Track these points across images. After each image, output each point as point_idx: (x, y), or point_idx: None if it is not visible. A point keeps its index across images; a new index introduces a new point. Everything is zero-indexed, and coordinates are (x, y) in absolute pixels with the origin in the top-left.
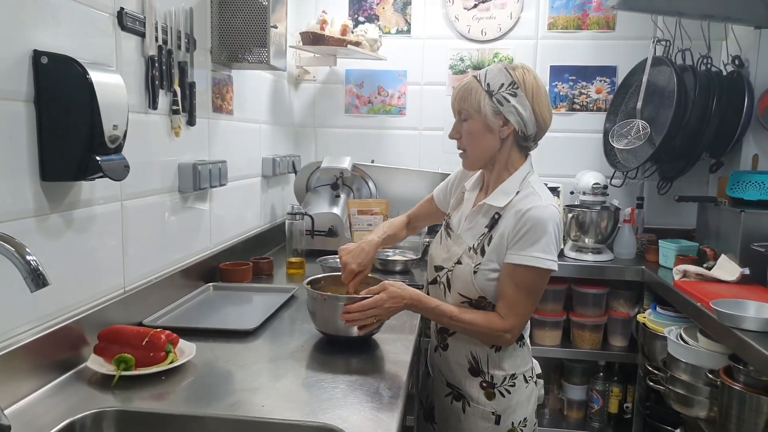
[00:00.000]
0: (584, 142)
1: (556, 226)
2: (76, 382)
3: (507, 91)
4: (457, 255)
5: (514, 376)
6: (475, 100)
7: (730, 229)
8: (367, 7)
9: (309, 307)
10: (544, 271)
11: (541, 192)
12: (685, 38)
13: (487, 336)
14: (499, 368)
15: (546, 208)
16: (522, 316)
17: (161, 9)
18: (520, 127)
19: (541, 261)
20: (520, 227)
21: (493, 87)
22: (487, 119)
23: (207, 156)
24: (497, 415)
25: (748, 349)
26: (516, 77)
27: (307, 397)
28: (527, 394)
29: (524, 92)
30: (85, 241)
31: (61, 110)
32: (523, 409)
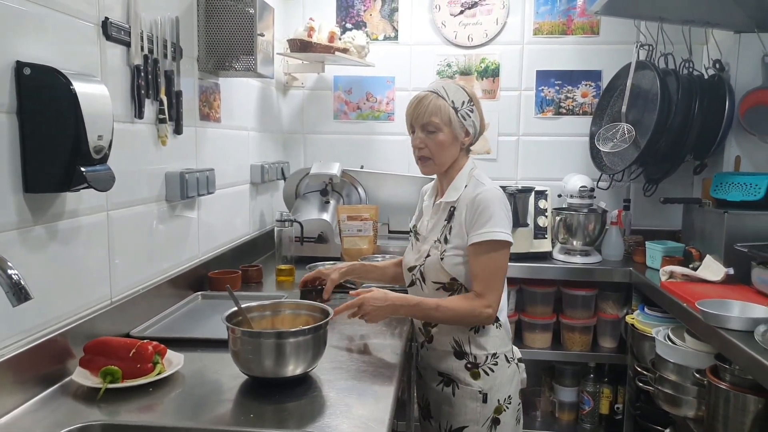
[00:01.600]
0: (571, 146)
1: (503, 204)
2: (61, 396)
3: (467, 108)
4: (426, 251)
5: (496, 356)
6: (446, 114)
7: (715, 230)
8: (355, 14)
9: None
10: (500, 243)
11: (484, 181)
12: (668, 43)
13: (470, 316)
14: (480, 348)
15: (490, 191)
16: (495, 289)
17: (147, 18)
18: (476, 135)
19: (496, 234)
20: (473, 211)
21: (457, 103)
22: (455, 132)
23: (194, 164)
24: (484, 393)
25: (733, 348)
26: (470, 94)
27: (297, 406)
28: (509, 374)
29: (476, 107)
30: (71, 252)
31: (45, 121)
32: (506, 388)
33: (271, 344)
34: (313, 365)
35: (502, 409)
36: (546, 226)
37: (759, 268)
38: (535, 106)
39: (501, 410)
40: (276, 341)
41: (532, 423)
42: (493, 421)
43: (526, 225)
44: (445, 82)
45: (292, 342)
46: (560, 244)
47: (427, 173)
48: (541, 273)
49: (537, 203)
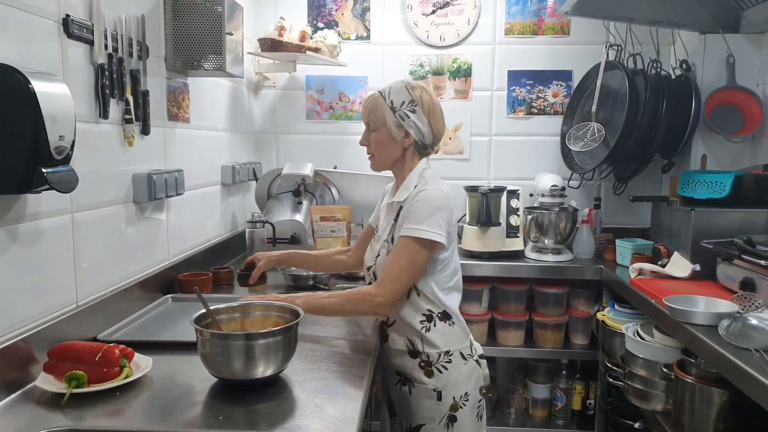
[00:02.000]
0: (542, 145)
1: (439, 203)
2: (24, 402)
3: (407, 108)
4: (377, 250)
5: (449, 353)
6: (381, 114)
7: (682, 227)
8: (326, 14)
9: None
10: (420, 241)
11: (431, 182)
12: (636, 43)
13: (363, 304)
14: (432, 347)
15: (432, 191)
16: (393, 281)
17: (111, 16)
18: (419, 138)
19: (419, 231)
20: (408, 209)
21: (396, 104)
22: (392, 131)
23: (163, 165)
24: (438, 391)
25: (699, 343)
26: (414, 96)
27: (267, 407)
28: (466, 371)
29: (421, 109)
30: (33, 255)
31: (2, 121)
32: (463, 385)
33: (240, 346)
34: (283, 366)
35: (458, 406)
36: (518, 225)
37: (724, 264)
38: (506, 106)
39: (457, 407)
40: (245, 343)
41: (506, 420)
42: (450, 419)
43: (499, 224)
44: (395, 82)
45: (262, 344)
46: (532, 242)
47: (372, 169)
48: (514, 271)
49: (509, 202)
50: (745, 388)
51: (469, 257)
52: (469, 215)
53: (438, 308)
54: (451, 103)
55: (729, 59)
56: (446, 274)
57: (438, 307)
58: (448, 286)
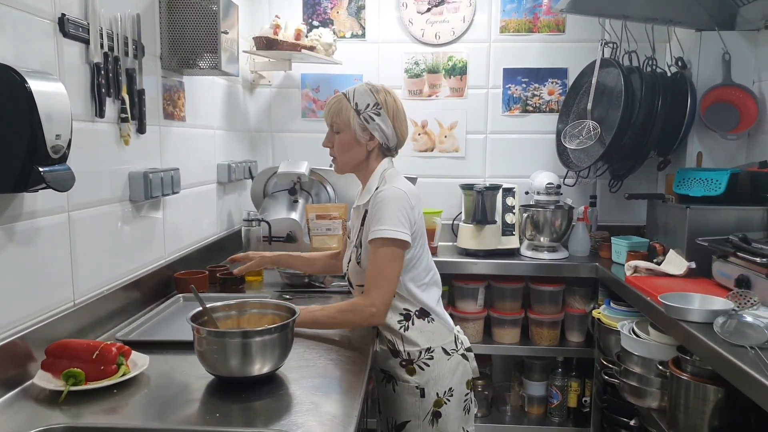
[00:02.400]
0: (538, 143)
1: (399, 203)
2: (21, 399)
3: (372, 111)
4: (348, 255)
5: (431, 350)
6: (346, 116)
7: (677, 225)
8: (321, 12)
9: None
10: (388, 241)
11: (391, 180)
12: (631, 41)
13: (355, 315)
14: (412, 345)
15: (389, 190)
16: (379, 287)
17: (106, 15)
18: (384, 140)
19: (384, 232)
20: (371, 210)
21: (360, 106)
22: (356, 134)
23: (159, 164)
24: (421, 388)
25: (694, 340)
26: (379, 99)
27: (263, 405)
28: (450, 366)
29: (386, 112)
30: (30, 254)
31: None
32: (446, 381)
33: (236, 344)
34: (279, 364)
35: (442, 402)
36: (514, 223)
37: (719, 261)
38: (502, 104)
39: (441, 403)
40: (242, 341)
41: (502, 417)
42: (434, 415)
43: (494, 222)
44: (360, 85)
45: (258, 341)
46: (528, 240)
47: (336, 172)
48: (509, 269)
49: (505, 200)
50: (740, 385)
51: (464, 255)
52: (465, 213)
53: (415, 306)
54: (446, 101)
55: (725, 56)
56: (419, 271)
57: (414, 305)
58: (424, 282)
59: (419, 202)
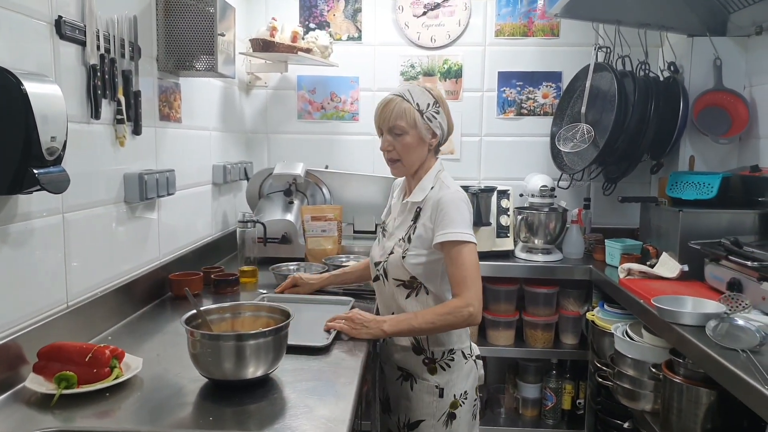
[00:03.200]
0: (532, 146)
1: (465, 206)
2: (13, 403)
3: (433, 110)
4: (390, 248)
5: (453, 352)
6: (411, 118)
7: (670, 228)
8: (318, 14)
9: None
10: (467, 243)
11: (450, 184)
12: (625, 45)
13: (455, 317)
14: (437, 344)
15: (455, 193)
16: (470, 287)
17: (103, 17)
18: (443, 136)
19: (461, 235)
20: (438, 212)
21: (422, 107)
22: (421, 133)
23: (154, 165)
24: (440, 388)
25: (687, 343)
26: (436, 96)
27: (257, 408)
28: (466, 369)
29: (443, 109)
30: (24, 255)
31: None
32: (462, 383)
33: (230, 347)
34: (273, 367)
35: (458, 404)
36: (508, 225)
37: (711, 264)
38: (497, 107)
39: (457, 405)
40: (236, 343)
41: (496, 420)
42: (449, 416)
43: (489, 224)
44: (411, 86)
45: (252, 344)
46: (522, 242)
47: (396, 175)
48: (504, 271)
49: (499, 202)
50: (732, 389)
51: None
52: None
53: None
54: None
55: (716, 62)
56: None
57: None
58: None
59: None
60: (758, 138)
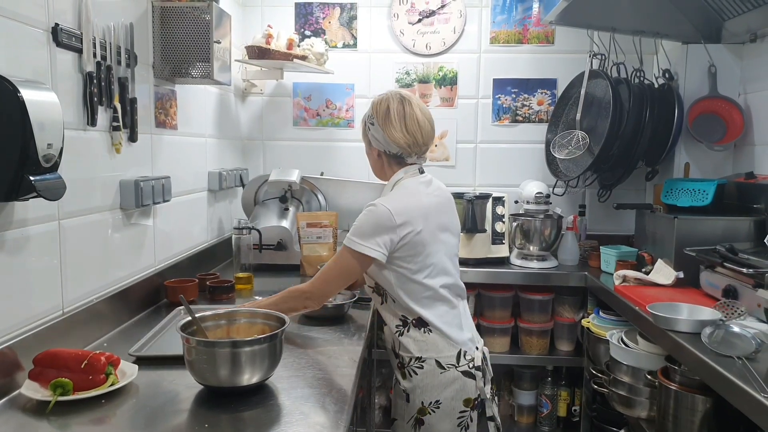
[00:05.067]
0: (527, 153)
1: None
2: (8, 410)
3: (369, 121)
4: None
5: (421, 360)
6: (362, 125)
7: (665, 235)
8: (313, 21)
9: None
10: (353, 252)
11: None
12: (619, 52)
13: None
14: (405, 350)
15: (374, 205)
16: (323, 282)
17: (100, 24)
18: (383, 147)
19: (352, 242)
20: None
21: (365, 118)
22: (367, 140)
23: (150, 172)
24: (407, 393)
25: (682, 350)
26: (374, 110)
27: (252, 415)
28: (442, 380)
29: (377, 121)
30: (19, 262)
31: None
32: (434, 392)
33: (226, 353)
34: (269, 374)
35: (426, 411)
36: (503, 232)
37: (707, 271)
38: (492, 114)
39: (425, 412)
40: (231, 350)
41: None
42: (417, 421)
43: (484, 231)
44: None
45: (248, 351)
46: (517, 249)
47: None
48: (499, 278)
49: (494, 209)
50: (728, 396)
51: None
52: None
53: (412, 315)
54: (436, 110)
55: (711, 69)
56: (415, 287)
57: (412, 314)
58: (424, 297)
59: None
60: (753, 145)
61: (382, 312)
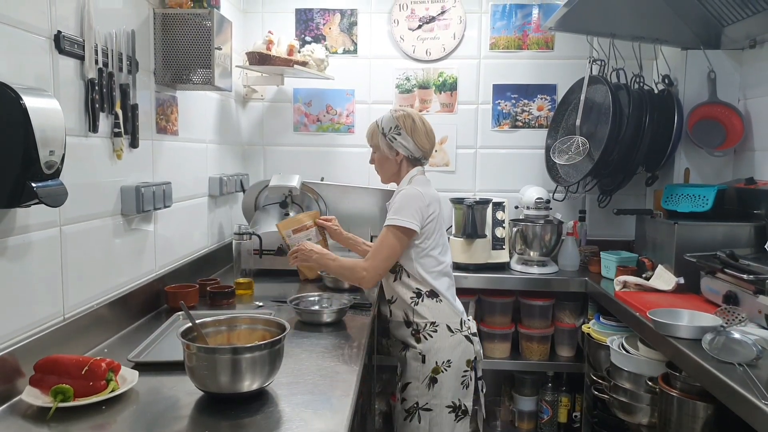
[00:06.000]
0: (527, 158)
1: (412, 198)
2: (9, 416)
3: (394, 132)
4: None
5: (435, 324)
6: (375, 139)
7: (666, 240)
8: (314, 27)
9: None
10: (396, 228)
11: (415, 184)
12: (619, 58)
13: (351, 271)
14: (420, 317)
15: (407, 189)
16: (376, 259)
17: (102, 31)
18: (409, 153)
19: (393, 220)
20: (390, 204)
21: (386, 130)
22: (385, 152)
23: (151, 178)
24: (422, 354)
25: (683, 356)
26: (398, 122)
27: (252, 421)
28: (452, 342)
29: (404, 131)
30: (21, 268)
31: None
32: (445, 353)
33: (226, 360)
34: (269, 380)
35: (439, 370)
36: (504, 237)
37: (707, 277)
38: (492, 119)
39: (438, 371)
40: (231, 357)
41: None
42: (431, 380)
43: (484, 236)
44: (389, 111)
45: (248, 357)
46: (518, 254)
47: (382, 182)
48: (500, 283)
49: (495, 215)
50: (729, 402)
51: (455, 269)
52: (455, 227)
53: (426, 287)
54: (436, 116)
55: (710, 75)
56: (430, 260)
57: (426, 286)
58: (435, 271)
59: (439, 207)
60: (753, 150)
61: (396, 287)
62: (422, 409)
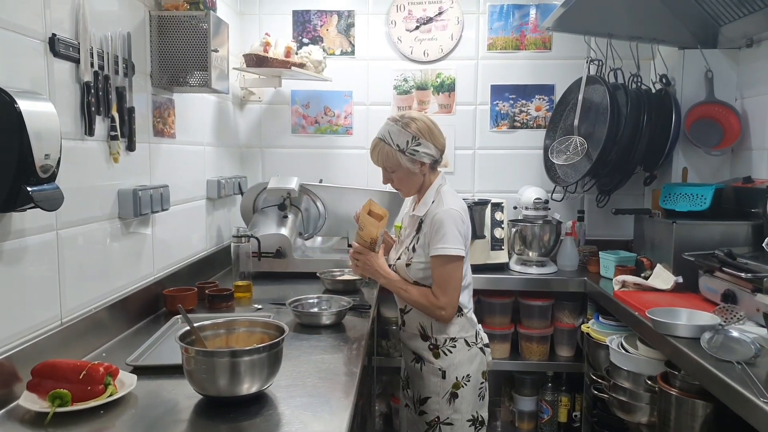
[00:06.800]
0: (525, 159)
1: (457, 222)
2: (6, 422)
3: (413, 145)
4: (399, 254)
5: (455, 340)
6: (394, 159)
7: (664, 240)
8: (311, 29)
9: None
10: (450, 257)
11: (446, 199)
12: (617, 58)
13: (429, 311)
14: (440, 333)
15: (446, 211)
16: (448, 295)
17: (97, 34)
18: (432, 159)
19: (446, 249)
20: (431, 228)
21: (402, 146)
22: (408, 167)
23: (148, 181)
24: (443, 370)
25: (682, 355)
26: (413, 132)
27: (251, 424)
28: (469, 355)
29: (424, 139)
30: (17, 273)
31: None
32: (465, 367)
33: (225, 363)
34: (268, 383)
35: (460, 385)
36: (502, 238)
37: (705, 276)
38: (490, 120)
39: (459, 386)
40: (230, 360)
41: None
42: (452, 395)
43: (483, 237)
44: (391, 126)
45: (247, 360)
46: (516, 255)
47: (404, 197)
48: (499, 284)
49: (493, 215)
50: (728, 401)
51: None
52: None
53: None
54: (435, 117)
55: (707, 74)
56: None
57: None
58: (465, 285)
59: (467, 217)
60: (750, 149)
61: None
62: (443, 424)
